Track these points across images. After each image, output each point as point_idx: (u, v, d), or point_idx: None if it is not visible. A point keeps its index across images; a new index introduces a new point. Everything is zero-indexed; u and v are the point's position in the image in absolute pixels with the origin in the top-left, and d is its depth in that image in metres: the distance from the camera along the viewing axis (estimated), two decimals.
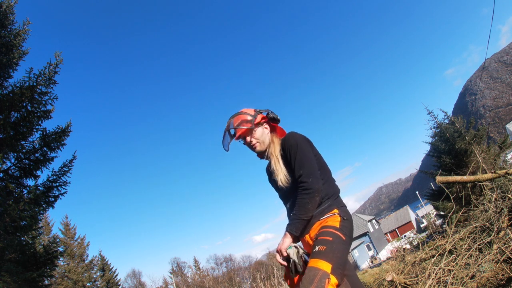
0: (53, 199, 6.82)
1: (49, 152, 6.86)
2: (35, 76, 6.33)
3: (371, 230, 40.12)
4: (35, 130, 6.70)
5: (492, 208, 3.17)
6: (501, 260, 2.54)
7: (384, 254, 36.39)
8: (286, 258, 1.61)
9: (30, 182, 6.88)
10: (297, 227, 1.60)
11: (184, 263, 45.52)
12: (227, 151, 1.88)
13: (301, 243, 1.75)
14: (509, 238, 2.67)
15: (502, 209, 3.06)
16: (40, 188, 6.54)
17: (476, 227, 3.14)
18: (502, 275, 2.45)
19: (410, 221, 48.94)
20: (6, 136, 6.10)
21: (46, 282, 6.90)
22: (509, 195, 3.07)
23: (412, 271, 3.49)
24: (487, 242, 2.85)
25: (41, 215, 6.83)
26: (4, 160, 6.12)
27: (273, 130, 1.92)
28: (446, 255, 2.97)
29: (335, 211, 1.65)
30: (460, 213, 3.73)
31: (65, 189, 6.97)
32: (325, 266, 1.40)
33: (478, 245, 2.86)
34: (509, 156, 13.47)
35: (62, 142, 6.98)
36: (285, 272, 1.68)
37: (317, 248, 1.49)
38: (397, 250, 6.96)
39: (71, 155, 7.23)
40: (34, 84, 6.30)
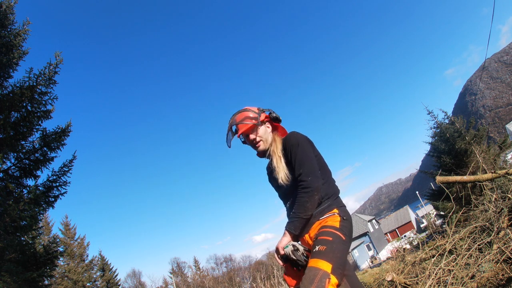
0: (53, 199, 6.82)
1: (49, 152, 6.86)
2: (35, 76, 6.33)
3: (371, 230, 40.12)
4: (35, 130, 6.70)
5: (492, 208, 3.17)
6: (501, 260, 2.54)
7: (384, 254, 36.38)
8: (284, 257, 1.61)
9: (30, 182, 6.89)
10: (296, 225, 1.60)
11: (184, 263, 45.55)
12: (229, 147, 1.89)
13: (300, 243, 1.75)
14: (509, 238, 2.66)
15: (502, 209, 3.06)
16: (40, 188, 6.54)
17: (476, 227, 3.14)
18: (502, 275, 2.45)
19: (410, 221, 48.94)
20: (6, 136, 6.10)
21: (46, 282, 6.90)
22: (509, 195, 3.07)
23: (412, 271, 3.49)
24: (487, 242, 2.85)
25: (41, 215, 6.83)
26: (4, 160, 6.12)
27: (275, 129, 1.94)
28: (446, 255, 2.97)
29: (335, 211, 1.65)
30: (460, 213, 3.73)
31: (65, 189, 6.98)
32: (325, 266, 1.40)
33: (478, 245, 2.86)
34: (509, 156, 13.47)
35: (62, 142, 6.98)
36: (285, 270, 1.68)
37: (317, 248, 1.49)
38: (397, 250, 6.96)
39: (71, 155, 7.25)
40: (34, 84, 6.30)
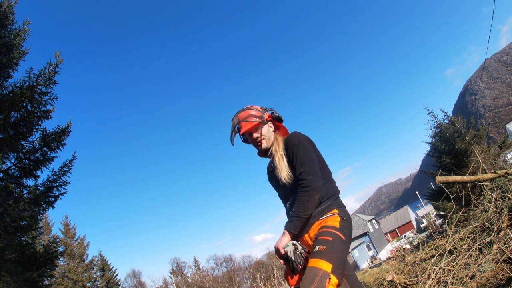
0: (53, 199, 6.82)
1: (49, 152, 6.86)
2: (35, 76, 6.33)
3: (371, 230, 40.11)
4: (35, 130, 6.70)
5: (492, 208, 3.16)
6: (501, 260, 2.54)
7: (384, 254, 36.38)
8: (284, 256, 1.61)
9: (30, 182, 6.89)
10: (295, 225, 1.60)
11: (184, 263, 45.56)
12: (233, 145, 1.90)
13: (300, 243, 1.75)
14: (509, 238, 2.66)
15: (502, 209, 3.05)
16: (40, 188, 6.54)
17: (476, 227, 3.14)
18: (502, 275, 2.45)
19: (410, 221, 48.94)
20: (6, 136, 6.10)
21: (46, 282, 6.90)
22: (509, 195, 3.07)
23: (412, 271, 3.49)
24: (487, 242, 2.85)
25: (41, 215, 6.83)
26: (4, 160, 6.12)
27: (277, 129, 1.96)
28: (446, 255, 2.97)
29: (335, 211, 1.66)
30: (460, 213, 3.73)
31: (65, 189, 6.98)
32: (325, 266, 1.41)
33: (478, 245, 2.85)
34: (509, 156, 13.47)
35: (62, 142, 6.98)
36: (285, 270, 1.68)
37: (317, 248, 1.49)
38: (397, 250, 6.96)
39: (71, 155, 7.25)
40: (34, 84, 6.30)
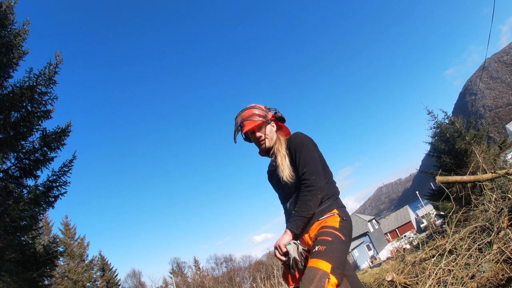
0: (53, 199, 6.81)
1: (49, 152, 6.85)
2: (35, 76, 6.33)
3: (371, 230, 40.10)
4: (35, 130, 6.70)
5: (492, 208, 3.16)
6: (501, 260, 2.54)
7: (384, 254, 36.37)
8: (284, 254, 1.61)
9: (30, 182, 6.89)
10: (297, 224, 1.60)
11: (184, 263, 45.55)
12: (235, 143, 1.92)
13: (300, 242, 1.75)
14: (509, 238, 2.66)
15: (502, 209, 3.05)
16: (40, 188, 6.54)
17: (476, 227, 3.14)
18: (502, 275, 2.45)
19: (410, 221, 48.93)
20: (6, 136, 6.10)
21: (46, 282, 6.90)
22: (509, 195, 3.07)
23: (412, 271, 3.48)
24: (487, 242, 2.85)
25: (41, 215, 6.82)
26: (4, 160, 6.12)
27: (279, 129, 1.96)
28: (446, 255, 2.97)
29: (335, 211, 1.66)
30: (460, 213, 3.73)
31: (65, 189, 6.97)
32: (325, 266, 1.41)
33: (478, 245, 2.85)
34: (509, 156, 13.46)
35: (62, 142, 6.98)
36: (284, 270, 1.68)
37: (316, 248, 1.49)
38: (397, 250, 6.95)
39: (71, 155, 7.24)
40: (34, 84, 6.30)
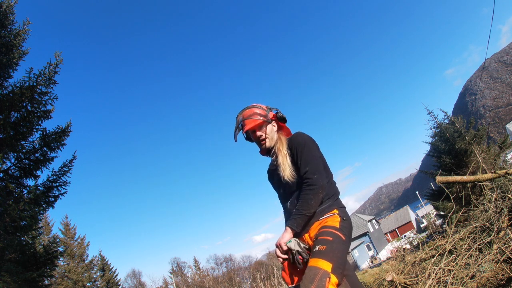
0: (53, 199, 6.81)
1: (49, 152, 6.85)
2: (35, 76, 6.33)
3: (371, 230, 40.10)
4: (35, 130, 6.70)
5: (492, 208, 3.16)
6: (501, 260, 2.54)
7: (384, 254, 36.38)
8: (285, 253, 1.61)
9: (30, 182, 6.88)
10: (298, 222, 1.60)
11: (184, 263, 45.54)
12: (236, 141, 1.92)
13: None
14: (509, 238, 2.66)
15: (502, 209, 3.05)
16: (40, 188, 6.54)
17: (476, 227, 3.14)
18: (502, 275, 2.45)
19: (410, 221, 48.93)
20: (6, 136, 6.10)
21: (46, 282, 6.90)
22: (509, 195, 3.07)
23: (412, 271, 3.49)
24: (487, 242, 2.85)
25: (41, 215, 6.82)
26: (4, 160, 6.11)
27: (280, 129, 1.96)
28: (446, 255, 2.97)
29: (335, 211, 1.66)
30: (460, 213, 3.73)
31: (65, 189, 6.97)
32: (325, 265, 1.41)
33: (478, 245, 2.85)
34: (509, 156, 13.46)
35: (62, 142, 6.97)
36: (283, 269, 1.68)
37: (317, 247, 1.50)
38: (397, 250, 6.95)
39: (71, 155, 7.24)
40: (34, 84, 6.30)
